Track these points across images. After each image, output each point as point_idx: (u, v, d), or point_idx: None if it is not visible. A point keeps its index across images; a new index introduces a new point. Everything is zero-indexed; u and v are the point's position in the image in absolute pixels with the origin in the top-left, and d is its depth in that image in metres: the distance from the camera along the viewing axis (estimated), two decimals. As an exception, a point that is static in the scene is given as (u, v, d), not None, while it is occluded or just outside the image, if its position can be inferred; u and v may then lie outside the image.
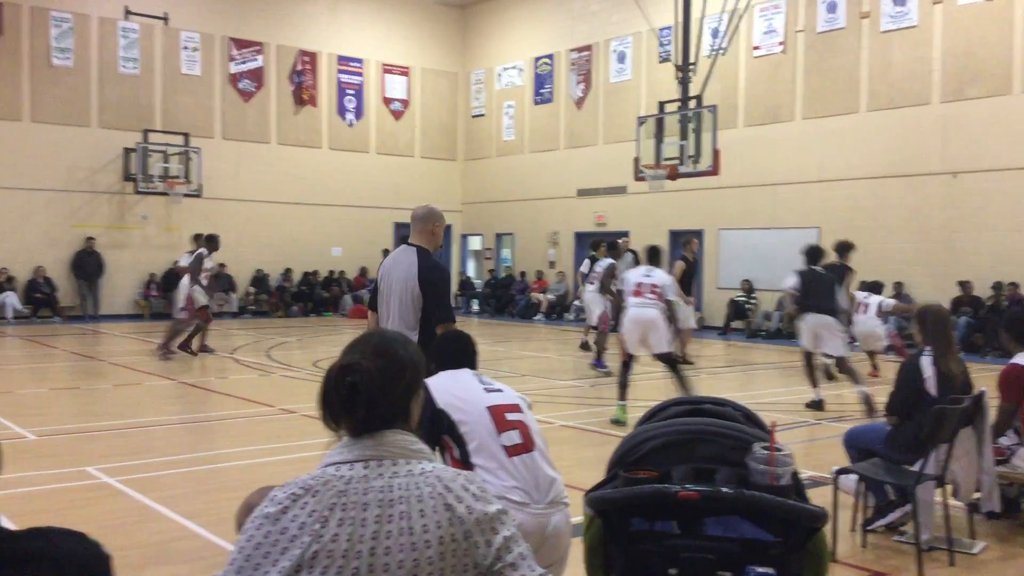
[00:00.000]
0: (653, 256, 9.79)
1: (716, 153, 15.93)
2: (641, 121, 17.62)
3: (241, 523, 2.75)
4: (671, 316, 9.24)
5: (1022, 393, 5.38)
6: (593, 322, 13.75)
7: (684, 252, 14.17)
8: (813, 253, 10.46)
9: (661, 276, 9.40)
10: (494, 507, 1.81)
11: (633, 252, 19.36)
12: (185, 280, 13.91)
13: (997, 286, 15.81)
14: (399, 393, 1.86)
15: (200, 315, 13.92)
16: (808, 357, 10.20)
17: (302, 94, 24.33)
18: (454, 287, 26.98)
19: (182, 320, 14.03)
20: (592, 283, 13.87)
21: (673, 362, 9.27)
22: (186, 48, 22.80)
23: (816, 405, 9.95)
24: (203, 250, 14.05)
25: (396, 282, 5.12)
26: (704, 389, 11.44)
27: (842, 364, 10.08)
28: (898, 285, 17.19)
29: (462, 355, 3.79)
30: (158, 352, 13.78)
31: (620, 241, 14.98)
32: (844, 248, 11.71)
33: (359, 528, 1.72)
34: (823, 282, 10.17)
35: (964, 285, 16.33)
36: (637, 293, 9.21)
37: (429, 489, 1.77)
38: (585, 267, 14.89)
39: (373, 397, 1.81)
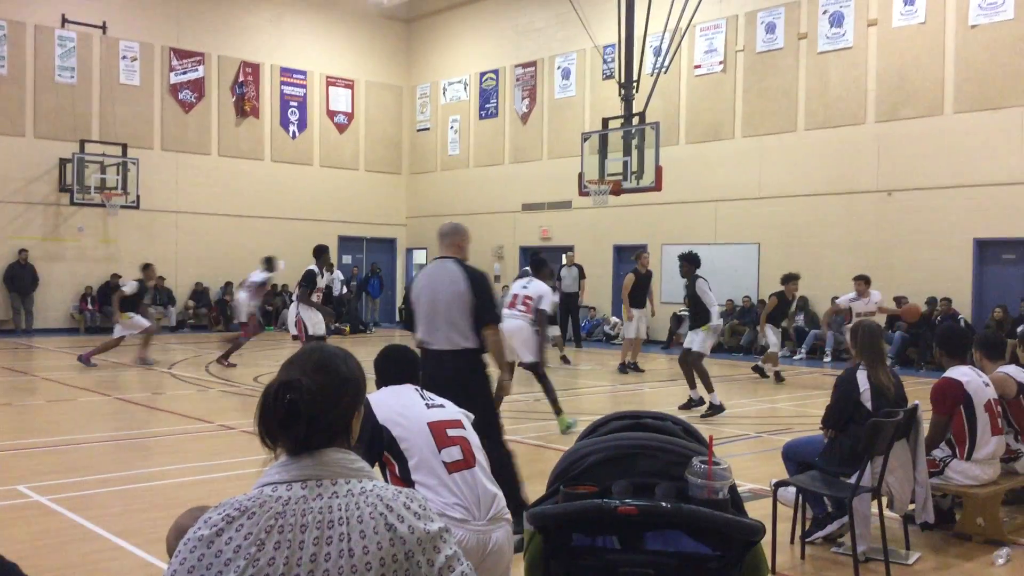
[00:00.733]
0: (538, 267, 9.98)
1: (659, 169, 16.11)
2: (585, 137, 17.75)
3: (172, 546, 2.68)
4: (539, 327, 9.39)
5: (954, 406, 5.52)
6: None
7: (636, 265, 14.51)
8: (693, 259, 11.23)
9: (537, 287, 9.60)
10: (436, 525, 1.78)
11: (579, 266, 19.51)
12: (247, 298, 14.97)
13: (931, 301, 16.22)
14: (339, 411, 1.82)
15: (243, 331, 15.00)
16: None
17: (244, 105, 24.04)
18: (399, 302, 26.86)
19: (242, 334, 14.94)
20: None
21: (539, 372, 9.34)
22: (125, 58, 22.40)
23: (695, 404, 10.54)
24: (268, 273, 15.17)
25: (443, 293, 5.26)
26: (648, 403, 11.54)
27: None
28: (835, 300, 17.54)
29: (404, 370, 3.76)
30: (220, 362, 14.60)
31: (567, 255, 15.19)
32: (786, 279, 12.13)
33: (297, 551, 1.67)
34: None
35: (898, 301, 16.72)
36: (512, 304, 9.41)
37: (370, 509, 1.73)
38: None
39: (313, 415, 1.77)
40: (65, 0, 21.44)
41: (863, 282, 13.50)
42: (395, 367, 3.78)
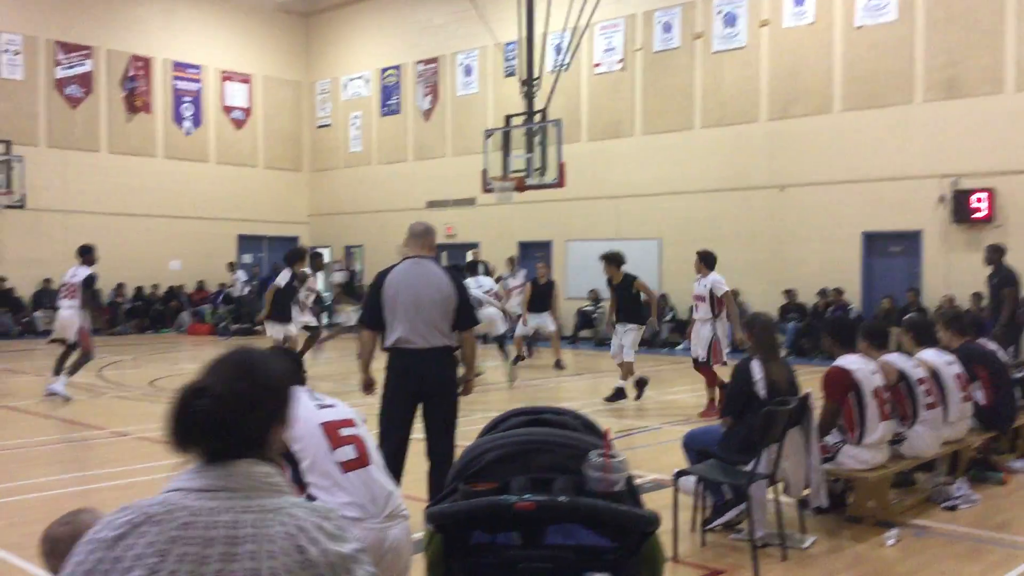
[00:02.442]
0: (472, 269, 10.17)
1: (561, 166, 16.24)
2: (488, 134, 17.76)
3: (47, 553, 2.56)
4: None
5: (844, 393, 5.72)
6: None
7: (536, 275, 14.89)
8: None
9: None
10: (349, 547, 1.68)
11: (484, 263, 19.51)
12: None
13: (823, 292, 16.80)
14: (255, 421, 1.71)
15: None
16: None
17: (135, 101, 23.24)
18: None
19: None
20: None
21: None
22: (7, 51, 21.39)
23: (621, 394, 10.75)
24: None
25: (425, 294, 5.31)
26: (555, 397, 11.62)
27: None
28: (734, 293, 17.96)
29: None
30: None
31: (472, 251, 15.24)
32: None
33: (200, 567, 1.57)
34: None
35: (789, 293, 17.30)
36: None
37: (281, 529, 1.62)
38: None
39: (223, 425, 1.67)
40: (-61, -11, 20.38)
41: (699, 260, 10.99)
42: None
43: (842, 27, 16.95)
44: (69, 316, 11.24)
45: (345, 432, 3.36)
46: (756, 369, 5.40)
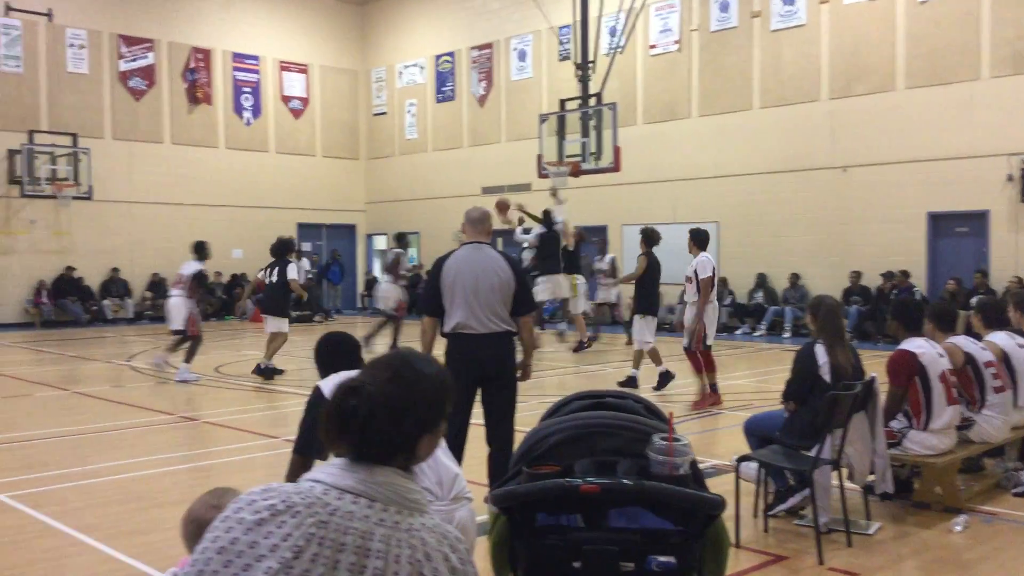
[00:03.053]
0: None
1: (616, 150, 16.16)
2: (543, 119, 17.74)
3: (188, 534, 2.59)
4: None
5: (909, 378, 5.61)
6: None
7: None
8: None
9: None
10: None
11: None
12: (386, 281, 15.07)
13: (888, 275, 16.47)
14: (406, 426, 1.68)
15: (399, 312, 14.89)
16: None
17: (196, 92, 23.67)
18: (360, 288, 26.71)
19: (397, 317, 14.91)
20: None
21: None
22: (72, 45, 21.92)
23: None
24: (399, 250, 15.29)
25: (484, 279, 5.35)
26: (612, 383, 11.59)
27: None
28: (794, 276, 17.77)
29: (348, 356, 3.75)
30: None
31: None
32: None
33: (330, 571, 1.55)
34: None
35: (855, 275, 16.97)
36: None
37: (409, 552, 1.61)
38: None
39: (374, 426, 1.65)
40: (8, -13, 20.94)
41: (690, 238, 10.68)
42: (340, 354, 3.76)
43: (905, 2, 16.53)
44: (176, 305, 12.12)
45: (410, 416, 3.39)
46: (820, 353, 5.33)
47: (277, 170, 25.11)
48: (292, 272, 12.04)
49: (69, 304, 21.29)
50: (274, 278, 11.98)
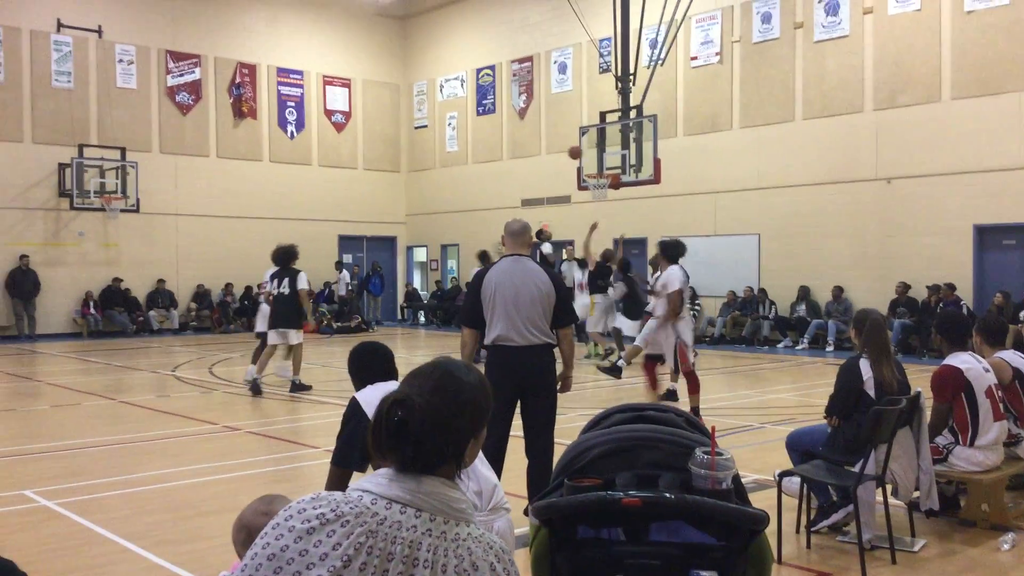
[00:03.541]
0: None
1: (657, 162, 16.12)
2: (583, 131, 17.76)
3: (238, 540, 2.60)
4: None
5: (955, 394, 5.52)
6: None
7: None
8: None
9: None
10: None
11: (580, 260, 19.51)
12: None
13: (934, 288, 16.21)
14: (451, 435, 1.71)
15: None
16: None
17: (242, 107, 24.05)
18: (400, 299, 26.88)
19: None
20: None
21: None
22: (121, 61, 22.40)
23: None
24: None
25: (524, 292, 5.38)
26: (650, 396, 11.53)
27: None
28: (838, 289, 17.55)
29: (383, 366, 3.76)
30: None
31: (566, 249, 15.31)
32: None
33: None
34: None
35: (902, 287, 16.70)
36: None
37: (456, 562, 1.64)
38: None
39: (421, 437, 1.67)
40: (60, 5, 21.45)
41: (658, 251, 10.36)
42: (375, 364, 3.78)
43: (951, 12, 16.32)
44: (264, 310, 12.80)
45: (447, 427, 3.41)
46: (865, 368, 5.26)
47: (320, 183, 25.40)
48: (302, 282, 11.75)
49: (116, 315, 21.68)
50: (285, 289, 11.62)
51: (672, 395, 10.78)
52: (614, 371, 11.08)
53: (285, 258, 11.92)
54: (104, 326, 21.52)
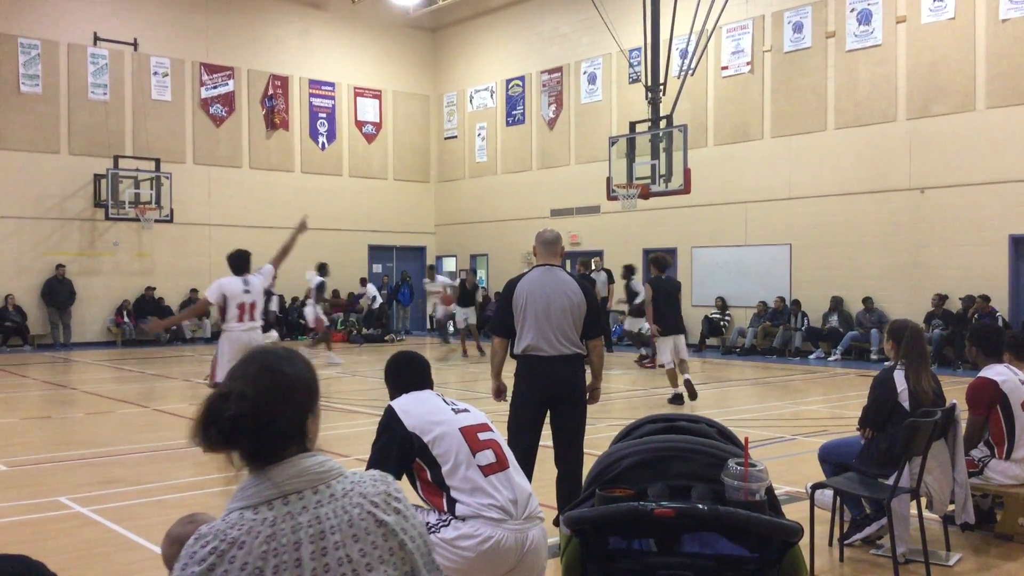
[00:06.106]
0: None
1: (687, 172, 16.07)
2: (613, 141, 17.76)
3: (168, 555, 2.60)
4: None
5: (990, 406, 5.45)
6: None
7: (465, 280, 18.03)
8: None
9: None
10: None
11: (607, 271, 19.50)
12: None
13: (968, 299, 16.00)
14: (289, 415, 1.73)
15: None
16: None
17: (274, 118, 24.29)
18: (429, 309, 26.94)
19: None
20: None
21: None
22: (156, 73, 22.71)
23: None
24: (320, 278, 18.21)
25: (555, 302, 5.39)
26: (680, 407, 11.47)
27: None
28: (867, 300, 17.37)
29: (420, 375, 3.77)
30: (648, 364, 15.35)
31: (595, 260, 15.37)
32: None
33: (294, 570, 1.61)
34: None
35: (939, 299, 16.48)
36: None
37: (357, 511, 1.69)
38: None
39: (260, 424, 1.68)
40: (96, 18, 21.80)
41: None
42: (411, 373, 3.79)
43: (986, 21, 16.15)
44: (308, 311, 18.00)
45: (484, 436, 3.42)
46: (900, 379, 5.21)
47: (350, 193, 25.58)
48: (315, 283, 13.03)
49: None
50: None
51: (679, 399, 11.21)
52: (676, 400, 11.42)
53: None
54: (138, 335, 21.78)
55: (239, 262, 9.02)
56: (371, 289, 24.12)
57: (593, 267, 19.40)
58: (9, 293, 20.49)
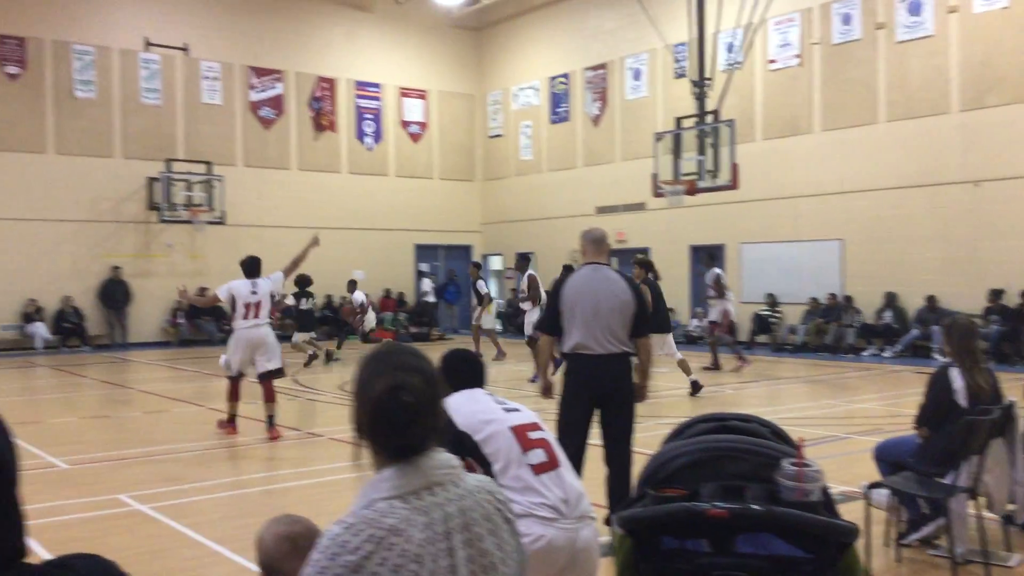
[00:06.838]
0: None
1: (735, 167, 15.92)
2: (658, 137, 17.65)
3: (263, 561, 2.55)
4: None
5: (1052, 402, 5.33)
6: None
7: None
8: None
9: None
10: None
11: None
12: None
13: (1025, 294, 15.62)
14: (439, 409, 1.79)
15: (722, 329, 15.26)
16: None
17: (321, 120, 24.55)
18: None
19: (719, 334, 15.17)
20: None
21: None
22: (206, 77, 23.09)
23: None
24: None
25: (606, 301, 5.39)
26: (731, 405, 11.41)
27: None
28: (931, 299, 16.90)
29: (472, 374, 3.78)
30: (739, 363, 14.85)
31: (636, 257, 15.23)
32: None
33: (448, 559, 1.66)
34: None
35: (996, 294, 16.11)
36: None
37: (489, 506, 1.77)
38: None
39: (423, 416, 1.73)
40: (148, 24, 22.21)
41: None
42: (464, 372, 3.80)
43: (1043, 8, 15.75)
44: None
45: (534, 435, 3.42)
46: (955, 376, 5.12)
47: (396, 193, 25.75)
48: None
49: (204, 323, 22.31)
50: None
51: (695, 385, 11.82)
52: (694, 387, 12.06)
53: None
54: (192, 334, 22.16)
55: (249, 266, 9.78)
56: (427, 284, 24.29)
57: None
58: (67, 295, 20.99)
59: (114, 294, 21.49)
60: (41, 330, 20.40)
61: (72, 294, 21.06)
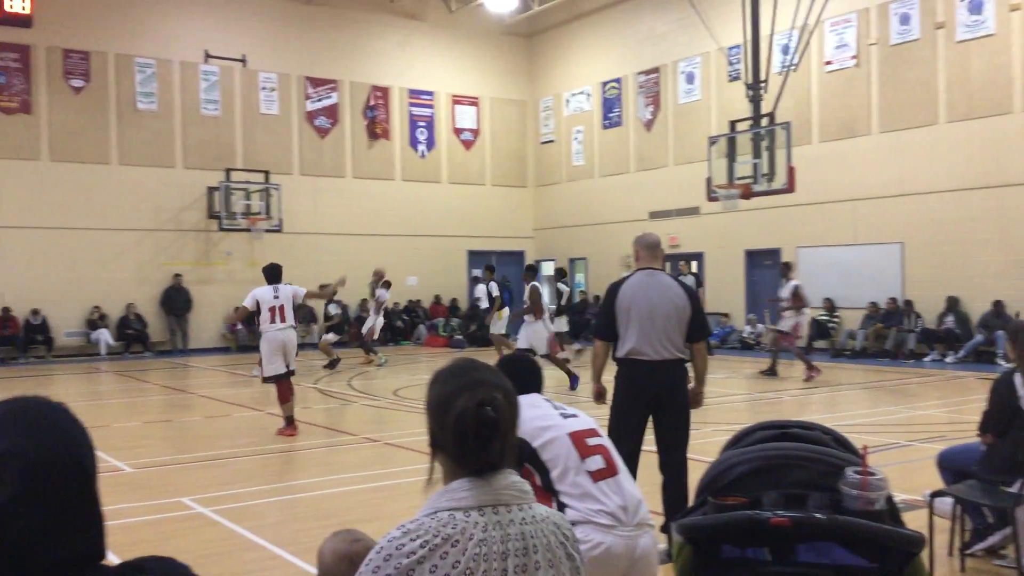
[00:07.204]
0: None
1: (791, 170, 15.73)
2: (712, 141, 17.51)
3: (333, 573, 2.55)
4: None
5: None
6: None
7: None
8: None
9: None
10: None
11: (695, 275, 19.21)
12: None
13: (1093, 297, 15.16)
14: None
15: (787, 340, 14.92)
16: None
17: (375, 128, 24.83)
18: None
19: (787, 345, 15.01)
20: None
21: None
22: (264, 88, 23.49)
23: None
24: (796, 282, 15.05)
25: (662, 306, 5.39)
26: (790, 412, 11.26)
27: None
28: (998, 303, 16.42)
29: (531, 380, 3.77)
30: (809, 373, 14.42)
31: (682, 263, 15.07)
32: None
33: None
34: None
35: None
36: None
37: (554, 538, 1.74)
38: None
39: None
40: (207, 37, 22.68)
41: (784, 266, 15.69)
42: (522, 377, 3.79)
43: (1111, 3, 15.30)
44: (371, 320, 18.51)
45: (592, 442, 3.41)
46: (1020, 383, 4.99)
47: (449, 200, 25.92)
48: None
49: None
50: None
51: None
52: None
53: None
54: (251, 340, 22.47)
55: (271, 273, 10.37)
56: (480, 289, 24.36)
57: (681, 271, 19.17)
58: (131, 302, 21.50)
59: (175, 301, 21.95)
60: (105, 336, 20.92)
61: (135, 301, 21.56)
